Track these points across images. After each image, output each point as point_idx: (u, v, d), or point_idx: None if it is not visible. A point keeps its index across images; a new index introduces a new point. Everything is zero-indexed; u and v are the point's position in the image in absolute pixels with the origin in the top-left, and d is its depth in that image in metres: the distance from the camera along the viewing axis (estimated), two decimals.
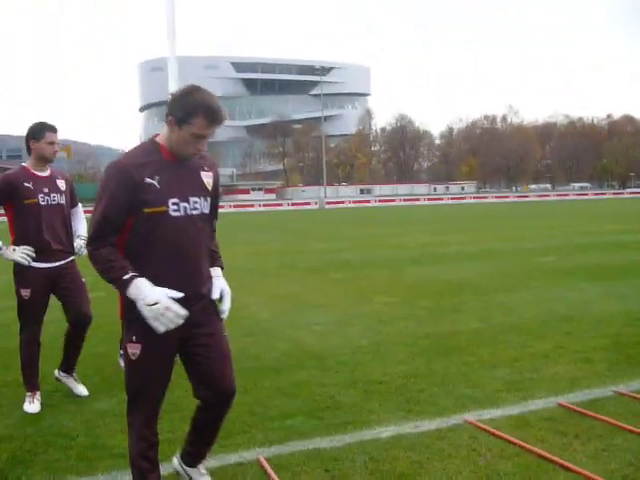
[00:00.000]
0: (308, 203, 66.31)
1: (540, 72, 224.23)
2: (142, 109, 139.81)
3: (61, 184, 4.98)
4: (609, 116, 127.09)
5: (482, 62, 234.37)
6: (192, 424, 3.34)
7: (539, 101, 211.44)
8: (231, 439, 4.15)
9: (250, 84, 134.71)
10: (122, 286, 2.87)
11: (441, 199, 73.14)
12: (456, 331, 7.03)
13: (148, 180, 2.90)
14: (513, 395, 4.88)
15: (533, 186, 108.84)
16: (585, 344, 6.29)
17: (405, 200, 70.30)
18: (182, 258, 2.98)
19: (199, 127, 2.86)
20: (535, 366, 5.62)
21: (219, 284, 3.18)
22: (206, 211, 3.11)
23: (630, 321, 7.14)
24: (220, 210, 3.40)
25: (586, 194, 79.71)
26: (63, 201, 4.97)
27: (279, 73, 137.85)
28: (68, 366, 5.23)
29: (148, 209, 2.91)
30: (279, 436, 4.21)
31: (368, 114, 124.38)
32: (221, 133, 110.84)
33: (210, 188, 3.13)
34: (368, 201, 70.01)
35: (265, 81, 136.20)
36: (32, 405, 4.87)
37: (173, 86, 33.13)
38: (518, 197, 77.27)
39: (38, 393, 4.95)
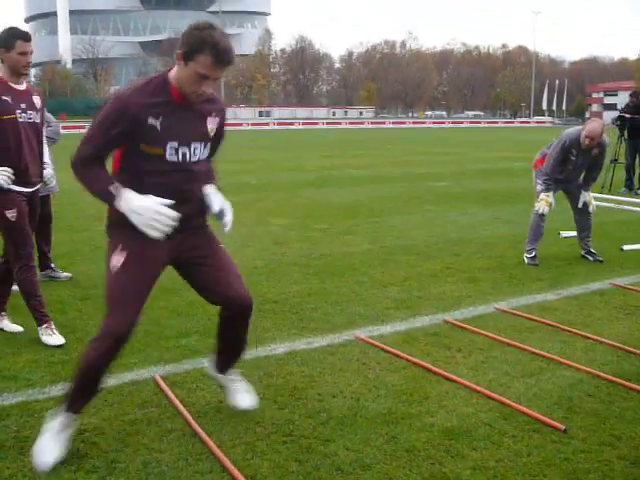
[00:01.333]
0: None
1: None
2: (27, 20, 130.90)
3: (37, 101, 4.48)
4: (504, 46, 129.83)
5: None
6: (218, 333, 3.38)
7: (438, 28, 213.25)
8: (126, 358, 4.13)
9: None
10: (110, 196, 2.80)
11: (339, 123, 73.27)
12: (349, 252, 7.21)
13: (151, 121, 2.80)
14: (402, 312, 5.11)
15: (429, 113, 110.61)
16: (471, 265, 6.61)
17: (304, 124, 70.00)
18: (175, 199, 2.88)
19: (204, 66, 2.71)
20: (423, 285, 5.87)
21: (217, 198, 3.10)
22: (204, 157, 3.03)
23: (514, 244, 7.53)
24: None
25: (479, 122, 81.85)
26: (39, 120, 4.49)
27: None
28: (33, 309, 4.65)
29: (145, 146, 2.83)
30: (174, 355, 4.24)
31: (268, 34, 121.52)
32: (113, 49, 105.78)
33: (212, 134, 3.04)
34: (267, 124, 69.23)
35: None
36: (55, 336, 4.44)
37: None
38: (414, 123, 78.46)
39: (52, 322, 4.53)
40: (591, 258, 6.79)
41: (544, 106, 79.16)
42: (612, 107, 21.21)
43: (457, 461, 2.99)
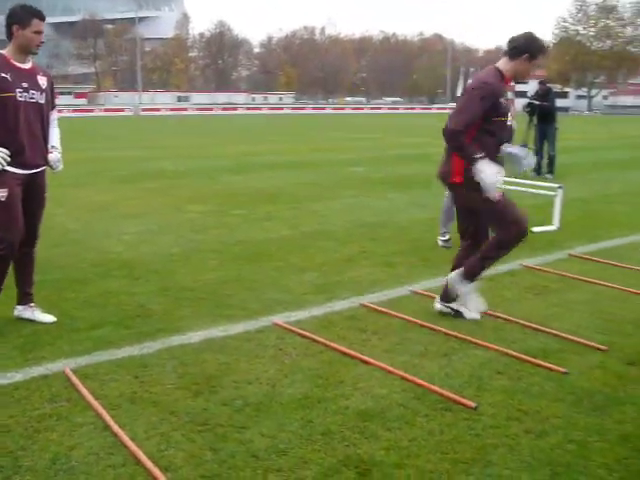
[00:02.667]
0: (122, 109, 63.25)
1: None
2: None
3: (42, 81, 4.28)
4: (421, 34, 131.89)
5: None
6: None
7: (357, 15, 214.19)
8: (36, 352, 4.01)
9: None
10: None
11: (259, 109, 72.84)
12: (267, 238, 7.19)
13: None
14: (319, 297, 5.13)
15: (349, 99, 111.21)
16: (387, 249, 6.70)
17: (223, 109, 69.26)
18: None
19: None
20: (341, 270, 5.91)
21: None
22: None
23: (429, 227, 7.67)
24: None
25: (397, 108, 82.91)
26: (43, 100, 4.29)
27: None
28: (23, 295, 4.57)
29: None
30: (86, 347, 4.12)
31: (185, 18, 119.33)
32: None
33: None
34: (185, 109, 68.15)
35: None
36: (47, 315, 4.52)
37: None
38: (334, 109, 78.77)
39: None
40: None
41: (459, 92, 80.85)
42: (523, 94, 21.85)
43: (371, 442, 3.03)
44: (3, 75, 4.06)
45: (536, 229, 7.63)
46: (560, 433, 3.13)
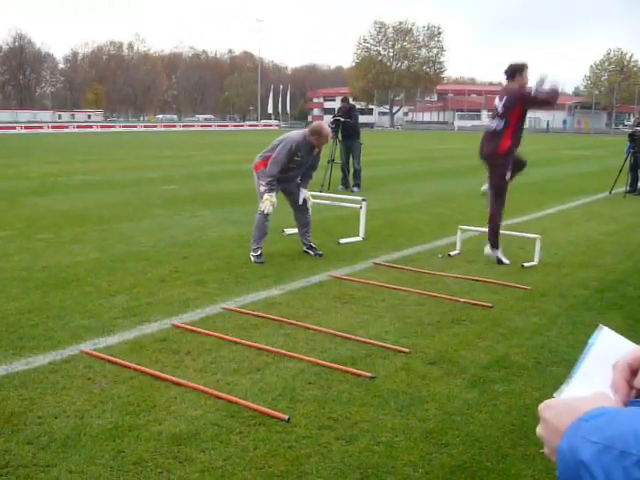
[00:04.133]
0: None
1: (165, 1, 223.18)
2: None
3: None
4: (230, 51, 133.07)
5: None
6: None
7: (165, 31, 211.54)
8: None
9: None
10: None
11: (67, 127, 69.54)
12: (75, 262, 6.87)
13: None
14: (130, 321, 4.98)
15: (160, 116, 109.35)
16: (199, 267, 6.66)
17: (27, 128, 65.28)
18: None
19: None
20: (152, 291, 5.79)
21: None
22: None
23: (241, 243, 7.72)
24: None
25: (210, 125, 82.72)
26: None
27: None
28: None
29: None
30: None
31: None
32: None
33: None
34: None
35: None
36: None
37: None
38: (145, 127, 77.01)
39: None
40: (312, 253, 7.21)
41: (270, 110, 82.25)
42: (331, 111, 22.79)
43: (185, 466, 2.99)
44: None
45: (343, 240, 7.94)
46: (368, 436, 3.28)
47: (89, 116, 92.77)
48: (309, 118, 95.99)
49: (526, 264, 6.92)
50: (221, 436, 3.25)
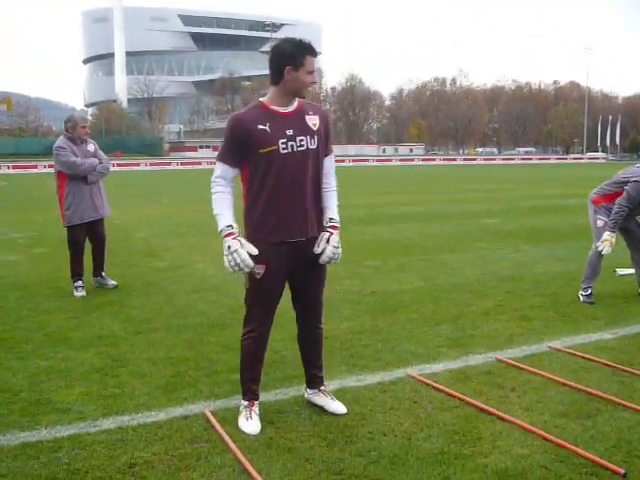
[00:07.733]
0: None
1: (489, 37, 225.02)
2: (86, 61, 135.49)
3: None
4: (555, 82, 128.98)
5: (434, 24, 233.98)
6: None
7: (488, 65, 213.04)
8: (177, 393, 4.19)
9: (198, 38, 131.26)
10: None
11: (390, 160, 73.43)
12: (401, 290, 7.16)
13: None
14: (454, 350, 5.03)
15: (480, 149, 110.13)
16: (524, 302, 6.49)
17: (354, 161, 70.34)
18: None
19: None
20: (476, 323, 5.78)
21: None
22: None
23: (568, 281, 7.38)
24: (167, 167, 3.43)
25: (531, 158, 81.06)
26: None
27: (229, 28, 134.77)
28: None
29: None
30: (225, 390, 4.25)
31: (318, 73, 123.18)
32: (167, 88, 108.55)
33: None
34: None
35: (214, 36, 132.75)
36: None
37: (119, 38, 32.21)
38: (465, 160, 78.12)
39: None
40: None
41: (598, 142, 77.97)
42: None
43: None
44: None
45: None
46: None
47: (411, 150, 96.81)
48: None
49: None
50: None
